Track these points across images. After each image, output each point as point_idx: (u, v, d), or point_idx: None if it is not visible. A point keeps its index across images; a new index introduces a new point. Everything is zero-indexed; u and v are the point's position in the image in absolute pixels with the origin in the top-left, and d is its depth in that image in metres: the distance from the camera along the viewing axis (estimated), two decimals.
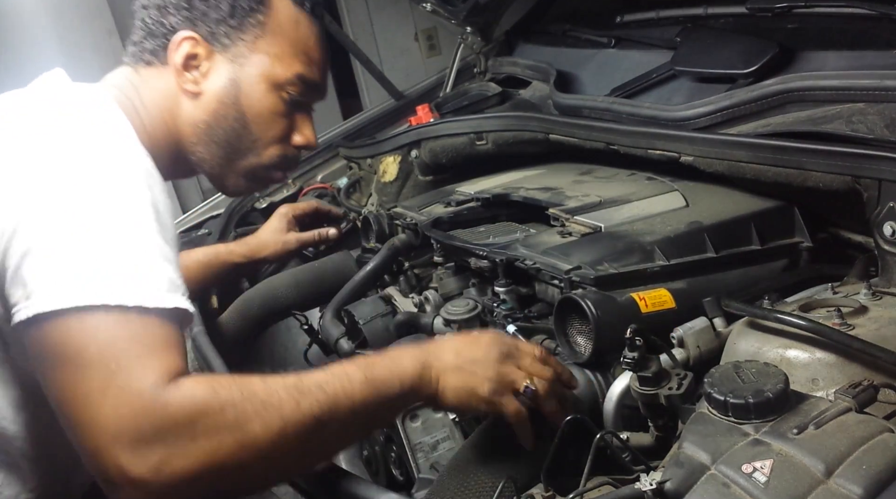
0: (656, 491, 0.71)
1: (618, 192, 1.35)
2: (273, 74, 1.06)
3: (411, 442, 1.10)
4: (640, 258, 1.10)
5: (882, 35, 1.25)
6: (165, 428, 0.70)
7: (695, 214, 1.21)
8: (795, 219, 1.20)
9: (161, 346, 0.75)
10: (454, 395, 0.88)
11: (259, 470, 0.76)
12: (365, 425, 0.88)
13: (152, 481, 0.69)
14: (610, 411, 0.98)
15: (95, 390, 0.71)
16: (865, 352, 0.82)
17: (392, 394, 0.84)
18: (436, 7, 2.05)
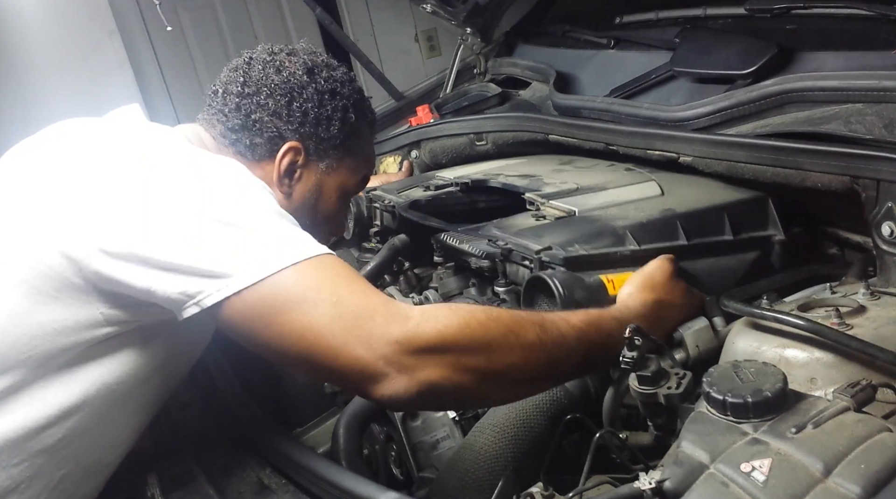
0: (655, 490, 0.71)
1: (595, 180, 1.36)
2: (348, 185, 1.20)
3: (411, 441, 1.10)
4: (611, 242, 1.10)
5: (880, 36, 1.25)
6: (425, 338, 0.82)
7: (669, 203, 1.21)
8: (769, 211, 1.20)
9: (358, 277, 0.90)
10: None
11: (494, 392, 0.89)
12: (588, 369, 0.99)
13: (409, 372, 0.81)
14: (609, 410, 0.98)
15: (340, 316, 0.83)
16: (864, 351, 0.82)
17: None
18: (436, 8, 2.05)
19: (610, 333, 0.92)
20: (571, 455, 1.01)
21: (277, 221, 0.91)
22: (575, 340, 0.90)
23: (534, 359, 0.86)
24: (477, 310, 0.87)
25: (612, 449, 0.83)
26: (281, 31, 3.97)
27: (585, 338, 0.91)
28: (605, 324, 0.94)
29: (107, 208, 0.89)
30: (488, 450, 0.93)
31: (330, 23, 2.14)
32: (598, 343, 0.91)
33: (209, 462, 1.11)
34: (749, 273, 1.14)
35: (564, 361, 0.90)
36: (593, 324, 0.93)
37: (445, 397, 0.86)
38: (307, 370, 0.93)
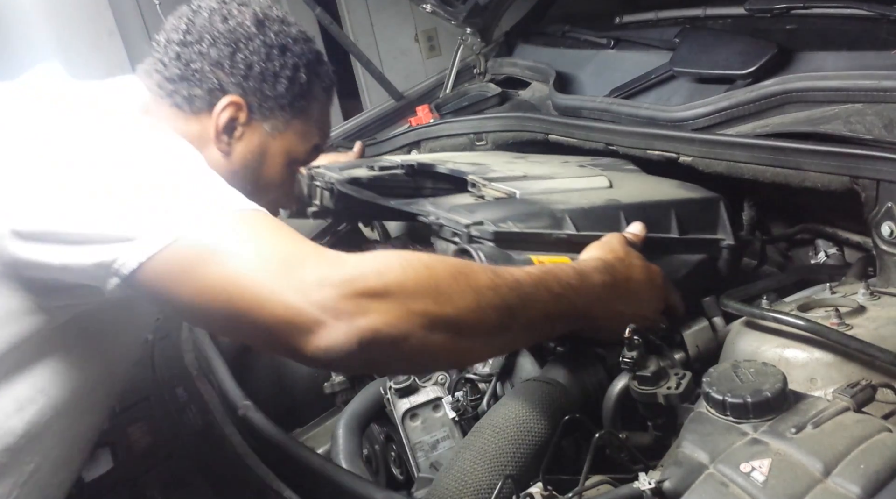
0: (655, 490, 0.71)
1: (545, 171, 1.32)
2: (295, 150, 1.12)
3: (411, 441, 1.10)
4: (548, 224, 1.04)
5: (880, 36, 1.25)
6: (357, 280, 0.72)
7: (615, 194, 1.17)
8: (720, 215, 1.16)
9: (288, 228, 0.80)
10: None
11: (445, 344, 0.77)
12: (544, 331, 0.91)
13: (347, 325, 0.71)
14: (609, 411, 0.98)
15: (264, 263, 0.74)
16: (863, 352, 0.82)
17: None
18: (436, 8, 2.05)
19: (570, 284, 0.86)
20: (571, 455, 1.01)
21: (196, 177, 0.84)
22: (532, 287, 0.82)
23: (488, 304, 0.77)
24: (421, 254, 0.78)
25: (612, 449, 0.83)
26: None
27: (543, 285, 0.83)
28: (564, 274, 0.87)
29: (12, 187, 0.83)
30: (488, 450, 0.93)
31: (330, 23, 2.14)
32: (558, 294, 0.84)
33: (209, 462, 1.11)
34: (693, 275, 1.10)
35: (523, 309, 0.81)
36: (550, 272, 0.86)
37: (392, 349, 0.74)
38: (232, 330, 0.84)
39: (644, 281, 0.95)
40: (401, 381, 1.13)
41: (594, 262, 0.92)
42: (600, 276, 0.90)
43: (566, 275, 0.86)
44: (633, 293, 0.93)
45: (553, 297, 0.84)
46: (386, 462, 1.16)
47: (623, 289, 0.92)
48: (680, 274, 1.07)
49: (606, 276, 0.91)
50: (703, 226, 1.14)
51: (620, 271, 0.93)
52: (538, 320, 0.84)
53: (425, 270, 0.75)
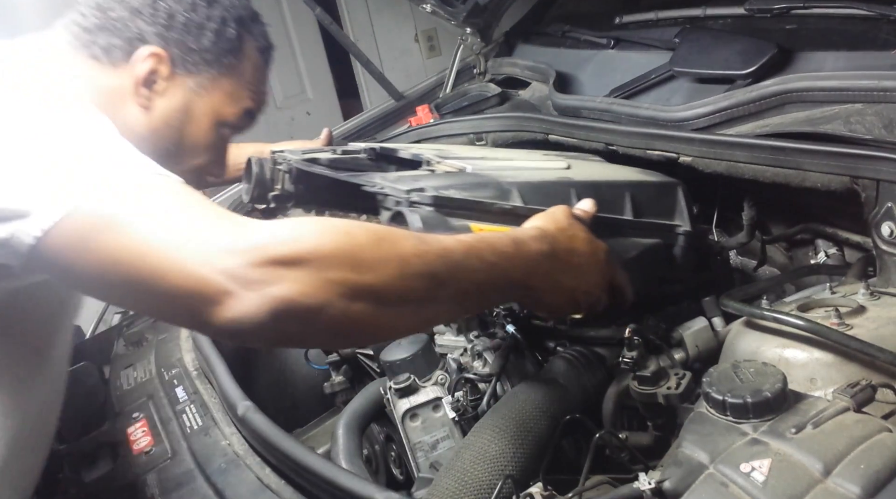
0: (655, 490, 0.71)
1: (507, 155, 1.28)
2: (223, 112, 1.07)
3: (411, 441, 1.10)
4: (494, 194, 1.00)
5: (880, 36, 1.25)
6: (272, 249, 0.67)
7: (570, 174, 1.13)
8: (678, 200, 1.13)
9: (198, 194, 0.75)
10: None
11: (367, 315, 0.71)
12: (477, 302, 0.87)
13: (258, 295, 0.66)
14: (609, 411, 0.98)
15: (168, 229, 0.70)
16: (863, 352, 0.82)
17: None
18: (436, 8, 2.05)
19: (505, 252, 0.81)
20: (571, 455, 1.01)
21: (98, 144, 0.79)
22: (463, 255, 0.76)
23: (413, 273, 0.72)
24: (341, 220, 0.73)
25: (612, 449, 0.83)
26: (281, 31, 3.97)
27: (475, 253, 0.78)
28: (500, 242, 0.81)
29: None
30: (488, 450, 0.93)
31: (330, 23, 2.15)
32: (492, 262, 0.79)
33: (209, 462, 1.11)
34: (644, 258, 1.06)
35: (452, 278, 0.75)
36: (484, 240, 0.80)
37: (308, 320, 0.68)
38: (138, 302, 0.79)
39: (587, 254, 0.91)
40: (401, 381, 1.13)
41: (534, 230, 0.88)
42: (539, 245, 0.85)
43: (502, 243, 0.81)
44: (574, 265, 0.89)
45: (486, 266, 0.78)
46: (386, 462, 1.16)
47: (563, 260, 0.87)
48: (629, 255, 1.03)
49: (545, 245, 0.86)
50: (660, 211, 1.11)
51: (561, 242, 0.88)
52: (469, 290, 0.79)
53: (344, 236, 0.70)
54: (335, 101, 4.24)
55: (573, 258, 0.89)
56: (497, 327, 1.24)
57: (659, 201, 1.11)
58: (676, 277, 1.14)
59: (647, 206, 1.09)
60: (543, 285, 0.86)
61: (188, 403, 1.29)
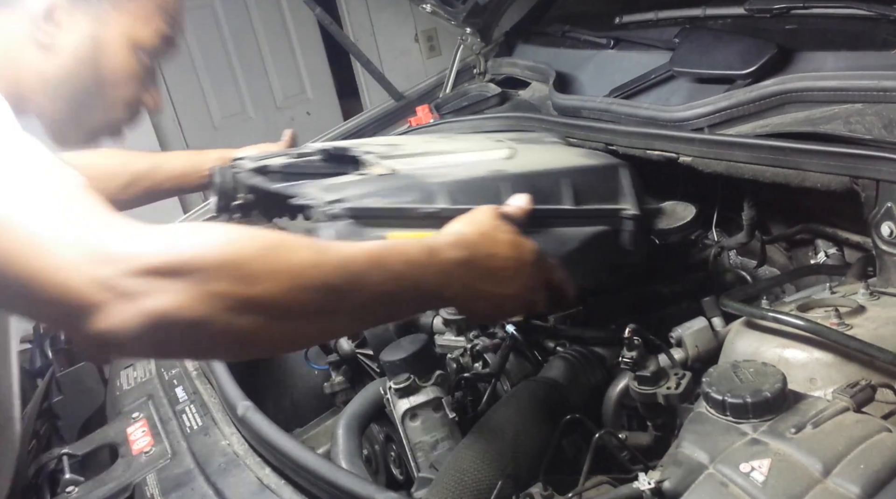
0: (654, 490, 0.71)
1: (454, 146, 1.23)
2: (136, 35, 1.02)
3: (411, 441, 1.10)
4: (419, 198, 0.96)
5: (880, 36, 1.25)
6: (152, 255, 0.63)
7: (509, 165, 1.07)
8: (623, 183, 1.07)
9: (82, 190, 0.70)
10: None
11: (257, 329, 0.67)
12: (385, 314, 0.83)
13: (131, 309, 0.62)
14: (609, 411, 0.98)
15: (37, 230, 0.65)
16: (863, 352, 0.82)
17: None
18: (435, 8, 2.05)
19: (415, 261, 0.77)
20: (571, 455, 1.01)
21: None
22: (365, 265, 0.72)
23: (308, 285, 0.68)
24: (232, 227, 0.68)
25: (612, 449, 0.83)
26: (281, 31, 3.97)
27: (381, 264, 0.74)
28: (410, 251, 0.77)
29: None
30: (488, 450, 0.93)
31: (330, 23, 2.15)
32: (399, 272, 0.75)
33: (209, 462, 1.11)
34: (588, 248, 1.01)
35: (352, 290, 0.72)
36: (393, 249, 0.76)
37: (189, 334, 0.65)
38: (14, 306, 0.74)
39: (510, 257, 0.86)
40: (401, 381, 1.13)
41: (450, 237, 0.84)
42: (455, 251, 0.81)
43: (413, 251, 0.78)
44: (496, 270, 0.84)
45: (392, 276, 0.74)
46: (386, 462, 1.16)
47: (482, 266, 0.83)
48: (568, 248, 0.99)
49: (462, 251, 0.81)
50: (604, 195, 1.05)
51: (480, 247, 0.84)
52: (374, 302, 0.75)
53: (229, 244, 0.66)
54: (335, 101, 4.24)
55: (494, 263, 0.84)
56: (497, 327, 1.24)
57: (603, 186, 1.05)
58: (629, 262, 1.10)
59: (589, 192, 1.04)
60: (462, 294, 0.82)
61: (188, 403, 1.30)
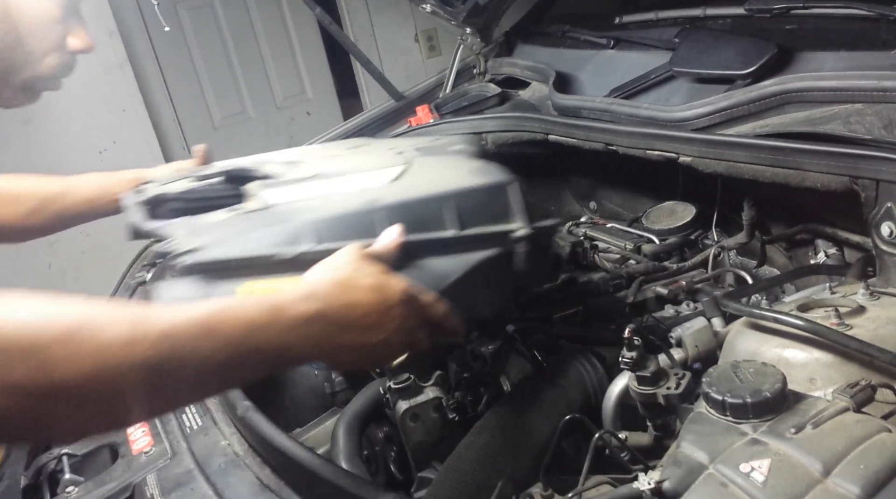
0: (654, 490, 0.71)
1: (349, 165, 1.15)
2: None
3: (411, 441, 1.10)
4: (283, 240, 0.89)
5: (880, 36, 1.25)
6: None
7: (391, 191, 0.99)
8: (513, 202, 0.99)
9: None
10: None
11: (60, 417, 0.61)
12: (223, 384, 0.76)
13: None
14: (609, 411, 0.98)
15: None
16: (863, 352, 0.82)
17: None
18: (435, 8, 2.05)
19: (253, 323, 0.70)
20: (571, 455, 1.01)
21: None
22: (194, 335, 0.66)
23: (119, 367, 0.61)
24: (36, 305, 0.61)
25: (612, 449, 0.83)
26: (281, 31, 3.97)
27: (212, 331, 0.67)
28: (249, 311, 0.70)
29: None
30: (488, 450, 0.93)
31: (330, 23, 2.15)
32: (236, 338, 0.68)
33: (209, 462, 1.11)
34: (477, 275, 0.93)
35: (180, 365, 0.65)
36: (228, 312, 0.69)
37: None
38: None
39: (372, 303, 0.78)
40: (401, 381, 1.13)
41: (300, 290, 0.77)
42: (305, 305, 0.74)
43: (251, 313, 0.71)
44: (356, 320, 0.77)
45: (226, 343, 0.68)
46: (386, 462, 1.16)
47: (339, 318, 0.76)
48: (452, 278, 0.91)
49: (314, 304, 0.74)
50: (493, 216, 0.98)
51: (337, 296, 0.77)
52: (207, 374, 0.68)
53: (25, 328, 0.58)
54: (335, 101, 4.24)
55: (354, 312, 0.77)
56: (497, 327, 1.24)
57: (491, 206, 0.98)
58: (529, 282, 1.04)
59: (476, 214, 0.96)
60: (319, 350, 0.76)
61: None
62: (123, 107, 3.33)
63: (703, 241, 1.53)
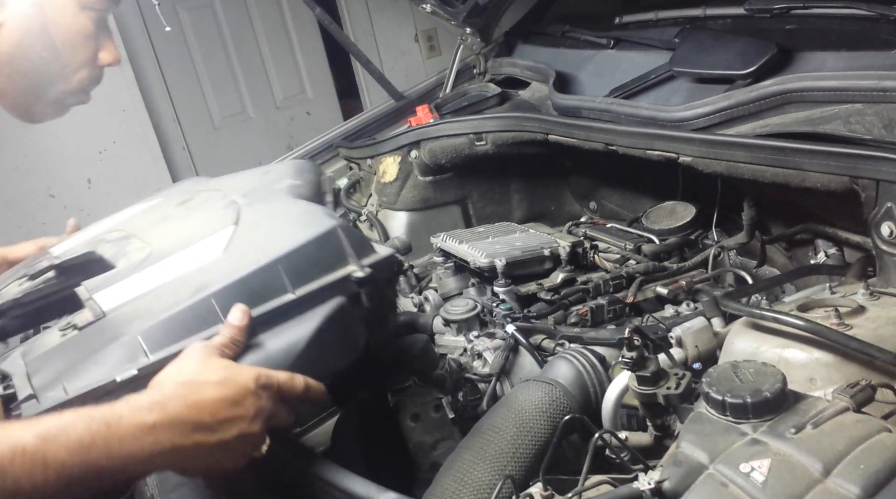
0: (654, 490, 0.71)
1: (179, 234, 1.09)
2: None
3: (411, 441, 1.10)
4: (121, 358, 0.83)
5: (880, 36, 1.25)
6: None
7: (214, 271, 0.94)
8: (342, 246, 0.96)
9: None
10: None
11: None
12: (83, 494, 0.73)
13: None
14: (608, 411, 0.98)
15: None
16: (863, 352, 0.82)
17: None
18: (435, 8, 2.05)
19: (84, 444, 0.69)
20: (571, 455, 1.01)
21: None
22: (26, 465, 0.66)
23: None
24: None
25: (612, 449, 0.83)
26: (281, 31, 3.97)
27: (41, 459, 0.67)
28: (78, 431, 0.69)
29: None
30: (488, 450, 0.93)
31: (330, 23, 2.15)
32: (66, 462, 0.68)
33: None
34: (330, 328, 0.90)
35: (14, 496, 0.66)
36: (54, 435, 0.68)
37: None
38: None
39: (223, 399, 0.77)
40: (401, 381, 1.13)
41: (141, 399, 0.75)
42: (145, 415, 0.73)
43: (80, 433, 0.69)
44: (207, 419, 0.76)
45: (56, 470, 0.67)
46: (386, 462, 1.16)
47: (188, 419, 0.75)
48: (301, 346, 0.88)
49: (155, 412, 0.73)
50: (329, 265, 0.94)
51: (183, 399, 0.75)
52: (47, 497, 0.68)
53: None
54: (335, 101, 4.24)
55: (203, 412, 0.76)
56: (497, 327, 1.24)
57: (323, 257, 0.95)
58: (379, 317, 1.02)
59: (311, 269, 0.93)
60: (167, 457, 0.74)
61: None
62: (123, 107, 3.33)
63: (703, 241, 1.53)
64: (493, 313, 1.26)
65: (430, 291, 1.47)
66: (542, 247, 1.39)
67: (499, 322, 1.23)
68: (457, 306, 1.26)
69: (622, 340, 0.89)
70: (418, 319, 1.36)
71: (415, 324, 1.35)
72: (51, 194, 3.20)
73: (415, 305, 1.46)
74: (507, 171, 1.93)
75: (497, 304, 1.27)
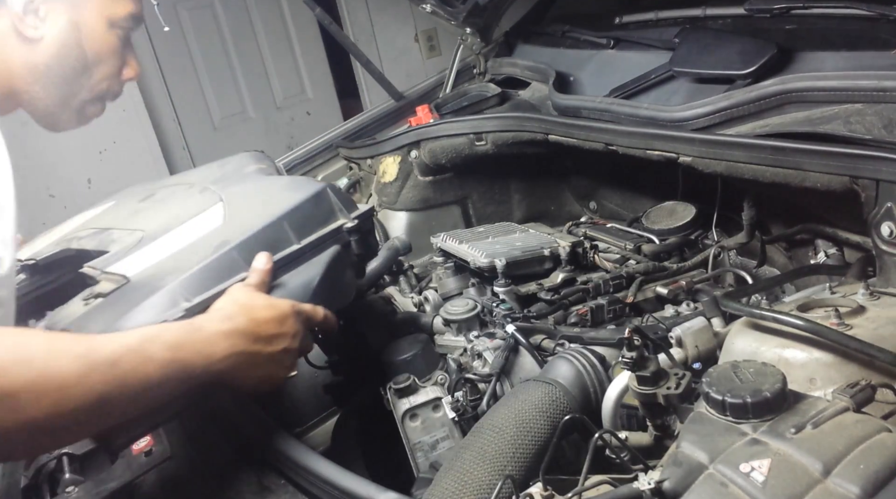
0: (654, 490, 0.71)
1: (165, 217, 1.21)
2: (114, 15, 1.11)
3: (411, 441, 1.10)
4: (161, 307, 0.94)
5: (880, 36, 1.25)
6: None
7: (227, 233, 1.08)
8: (331, 203, 1.13)
9: None
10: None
11: (24, 440, 0.72)
12: (160, 401, 0.86)
13: None
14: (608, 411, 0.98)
15: None
16: (863, 352, 0.82)
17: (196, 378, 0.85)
18: (435, 8, 2.05)
19: (177, 343, 0.83)
20: (571, 455, 1.01)
21: None
22: (132, 363, 0.78)
23: (75, 402, 0.72)
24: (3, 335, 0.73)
25: (612, 449, 0.83)
26: (281, 31, 3.97)
27: (145, 355, 0.79)
28: (173, 332, 0.84)
29: None
30: (488, 450, 0.93)
31: (330, 23, 2.15)
32: (165, 359, 0.81)
33: (209, 463, 1.11)
34: (331, 271, 1.08)
35: (123, 392, 0.77)
36: (154, 336, 0.82)
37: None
38: None
39: (271, 319, 0.93)
40: (401, 381, 1.13)
41: (213, 313, 0.91)
42: (220, 323, 0.89)
43: (174, 334, 0.84)
44: (262, 334, 0.92)
45: (157, 365, 0.80)
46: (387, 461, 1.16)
47: (249, 331, 0.91)
48: (315, 280, 1.06)
49: (227, 322, 0.89)
50: (322, 220, 1.12)
51: (243, 316, 0.91)
52: (145, 393, 0.80)
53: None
54: (335, 101, 4.24)
55: (259, 327, 0.92)
56: (497, 327, 1.24)
57: (317, 213, 1.12)
58: (368, 259, 1.22)
59: (309, 224, 1.10)
60: (236, 361, 0.89)
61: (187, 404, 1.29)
62: (123, 107, 3.33)
63: (703, 241, 1.53)
64: (493, 313, 1.26)
65: (430, 291, 1.47)
66: (542, 247, 1.39)
67: (499, 322, 1.23)
68: (457, 306, 1.26)
69: (622, 340, 0.89)
70: (418, 319, 1.36)
71: (415, 324, 1.35)
72: (51, 194, 3.20)
73: (415, 305, 1.46)
74: (507, 171, 1.93)
75: (497, 304, 1.27)
